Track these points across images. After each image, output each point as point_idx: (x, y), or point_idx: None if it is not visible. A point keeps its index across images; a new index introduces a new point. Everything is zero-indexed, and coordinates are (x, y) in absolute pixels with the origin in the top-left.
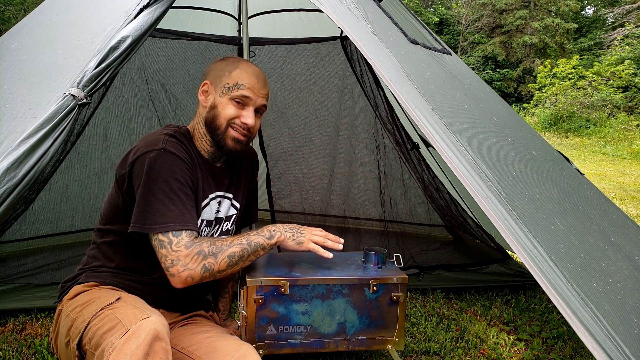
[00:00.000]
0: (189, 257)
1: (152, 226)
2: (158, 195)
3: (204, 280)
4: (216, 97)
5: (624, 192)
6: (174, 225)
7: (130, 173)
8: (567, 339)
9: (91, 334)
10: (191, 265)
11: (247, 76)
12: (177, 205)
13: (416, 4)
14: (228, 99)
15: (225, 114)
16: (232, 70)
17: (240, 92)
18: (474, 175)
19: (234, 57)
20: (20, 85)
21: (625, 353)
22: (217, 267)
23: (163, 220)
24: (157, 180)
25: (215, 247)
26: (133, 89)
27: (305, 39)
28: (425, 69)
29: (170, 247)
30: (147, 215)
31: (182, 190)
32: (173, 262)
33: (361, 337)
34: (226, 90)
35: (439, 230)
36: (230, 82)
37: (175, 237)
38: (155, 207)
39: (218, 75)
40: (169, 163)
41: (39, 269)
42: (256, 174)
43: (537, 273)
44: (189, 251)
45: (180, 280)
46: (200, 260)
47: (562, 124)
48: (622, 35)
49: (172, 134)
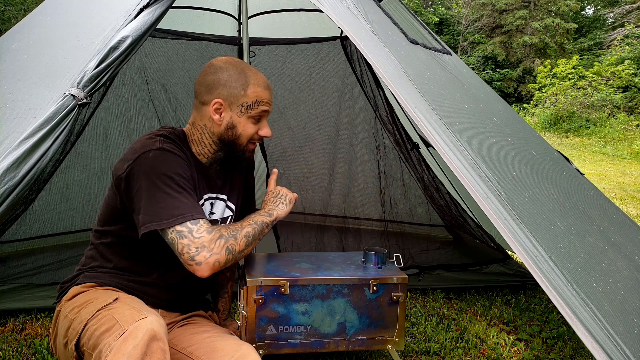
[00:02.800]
0: (213, 242)
1: (168, 220)
2: (166, 190)
3: (227, 264)
4: (233, 116)
5: (624, 192)
6: (191, 215)
7: (129, 175)
8: (567, 339)
9: (89, 335)
10: (216, 249)
11: (262, 91)
12: (186, 197)
13: (416, 4)
14: (247, 117)
15: (247, 134)
16: (245, 86)
17: (260, 109)
18: (474, 175)
19: (232, 64)
20: (20, 85)
21: (625, 353)
22: (238, 247)
23: (179, 212)
24: (161, 177)
25: (231, 230)
26: (133, 89)
27: (305, 39)
28: (425, 69)
29: (191, 235)
30: (160, 211)
31: (186, 184)
32: (198, 250)
33: (361, 337)
34: (245, 110)
35: (439, 230)
36: (248, 101)
37: (194, 225)
38: (167, 202)
39: (232, 94)
40: (170, 160)
41: (39, 269)
42: (251, 174)
43: (537, 273)
44: (211, 236)
45: (209, 267)
46: (223, 244)
47: (562, 124)
48: (622, 35)
49: (167, 135)
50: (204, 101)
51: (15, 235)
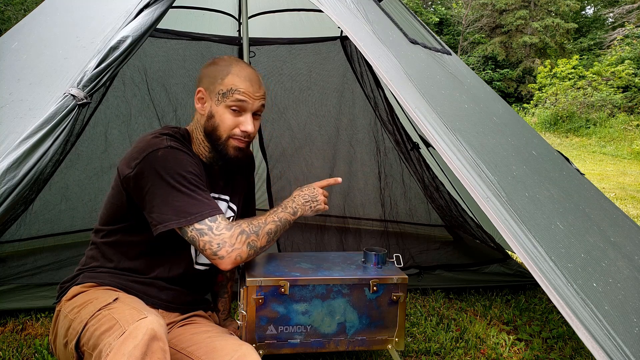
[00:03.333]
0: (234, 238)
1: (187, 218)
2: (181, 189)
3: (249, 258)
4: (212, 105)
5: (624, 192)
6: (209, 212)
7: (138, 174)
8: (567, 339)
9: (89, 335)
10: (237, 245)
11: (241, 80)
12: (201, 194)
13: (416, 4)
14: (224, 107)
15: (224, 125)
16: (224, 75)
17: (235, 98)
18: (474, 175)
19: (225, 59)
20: (20, 85)
21: (625, 353)
22: (259, 243)
23: (196, 209)
24: (175, 176)
25: (253, 225)
26: (133, 89)
27: (305, 39)
28: (425, 69)
29: (212, 232)
30: (177, 210)
31: (198, 182)
32: (220, 245)
33: (361, 337)
34: (221, 97)
35: (439, 230)
36: (223, 88)
37: (212, 223)
38: (183, 200)
39: (211, 82)
40: (180, 158)
41: (39, 269)
42: (252, 174)
43: (537, 273)
44: (232, 232)
45: (231, 261)
46: (245, 239)
47: (562, 124)
48: (622, 35)
49: (172, 134)
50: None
51: (15, 235)
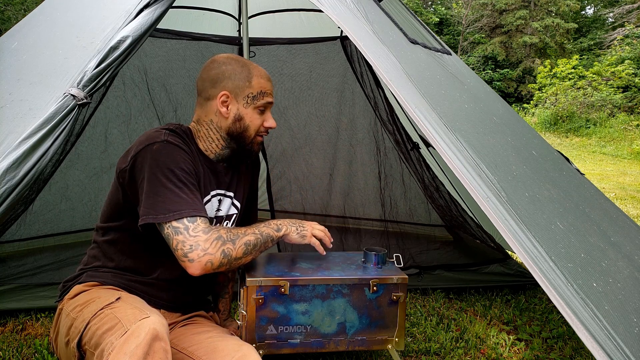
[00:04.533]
0: (209, 242)
1: (165, 214)
2: (167, 185)
3: (221, 267)
4: (240, 107)
5: (624, 192)
6: (189, 212)
7: (133, 166)
8: (567, 339)
9: (91, 334)
10: (211, 250)
11: (265, 82)
12: (186, 193)
13: (416, 4)
14: (253, 109)
15: (254, 126)
16: (250, 78)
17: (265, 100)
18: (474, 175)
19: (237, 60)
20: (20, 85)
21: (625, 353)
22: (235, 253)
23: (176, 207)
24: (164, 170)
25: (232, 234)
26: (133, 89)
27: (305, 39)
28: (425, 69)
29: (187, 233)
30: (158, 205)
31: (188, 179)
32: (192, 247)
33: (361, 337)
34: (251, 101)
35: (439, 230)
36: (253, 92)
37: (191, 223)
38: (166, 196)
39: (237, 86)
40: (173, 153)
41: (39, 269)
42: (257, 174)
43: (537, 273)
44: (208, 236)
45: (200, 266)
46: (220, 246)
47: (562, 124)
48: (622, 35)
49: (173, 129)
50: (209, 96)
51: (15, 235)
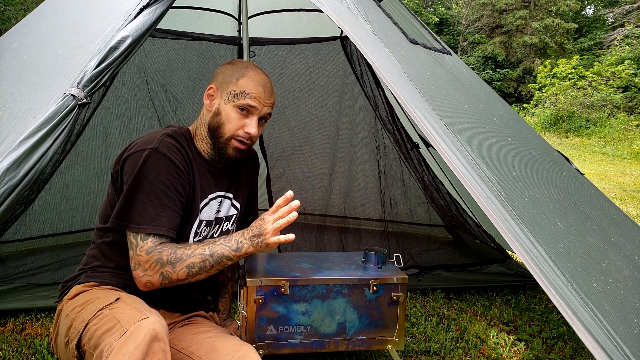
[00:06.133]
0: (148, 264)
1: (128, 224)
2: (139, 195)
3: (165, 286)
4: (221, 102)
5: (624, 192)
6: (145, 228)
7: (122, 169)
8: (567, 339)
9: (90, 334)
10: (149, 272)
11: (254, 85)
12: (155, 207)
13: (416, 4)
14: (232, 106)
15: (229, 124)
16: (239, 77)
17: (246, 101)
18: (474, 175)
19: (243, 62)
20: (20, 85)
21: (625, 353)
22: (175, 276)
23: (137, 220)
24: (142, 180)
25: (175, 256)
26: (133, 89)
27: (305, 39)
28: (425, 69)
29: (135, 250)
30: (124, 213)
31: (164, 192)
32: (135, 266)
33: (361, 337)
34: (232, 97)
35: (439, 230)
36: (236, 89)
37: (141, 241)
38: (134, 207)
39: (225, 81)
40: (157, 164)
41: (39, 269)
42: (257, 175)
43: (537, 273)
44: (148, 257)
45: (141, 284)
46: (158, 269)
47: (562, 124)
48: (622, 36)
49: (171, 134)
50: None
51: (15, 235)
